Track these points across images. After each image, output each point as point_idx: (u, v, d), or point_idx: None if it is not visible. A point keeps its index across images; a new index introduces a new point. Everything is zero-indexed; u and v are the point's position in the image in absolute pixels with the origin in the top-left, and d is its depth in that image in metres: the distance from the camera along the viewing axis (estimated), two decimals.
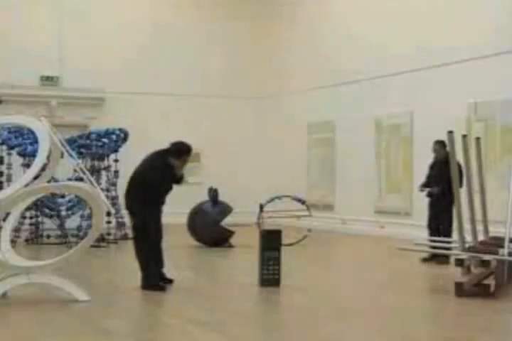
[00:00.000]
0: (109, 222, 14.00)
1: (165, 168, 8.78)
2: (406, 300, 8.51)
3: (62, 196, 14.47)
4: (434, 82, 14.82)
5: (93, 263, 11.55)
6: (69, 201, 14.60)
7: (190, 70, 19.67)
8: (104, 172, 14.81)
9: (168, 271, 9.11)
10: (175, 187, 9.04)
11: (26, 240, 14.28)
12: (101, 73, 18.69)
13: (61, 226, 14.25)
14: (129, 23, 19.30)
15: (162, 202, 8.89)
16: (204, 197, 14.07)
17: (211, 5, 19.95)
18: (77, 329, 6.80)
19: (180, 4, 19.91)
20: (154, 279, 8.73)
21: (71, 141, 13.73)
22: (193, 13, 19.91)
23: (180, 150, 8.92)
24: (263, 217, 13.98)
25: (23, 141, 13.97)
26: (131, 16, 19.39)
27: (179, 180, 8.96)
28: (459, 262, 8.64)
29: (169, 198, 9.06)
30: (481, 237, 9.94)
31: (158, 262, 8.91)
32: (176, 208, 10.49)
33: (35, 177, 8.24)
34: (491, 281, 8.66)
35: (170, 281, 9.00)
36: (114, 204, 14.32)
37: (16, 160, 14.21)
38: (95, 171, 14.33)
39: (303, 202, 14.44)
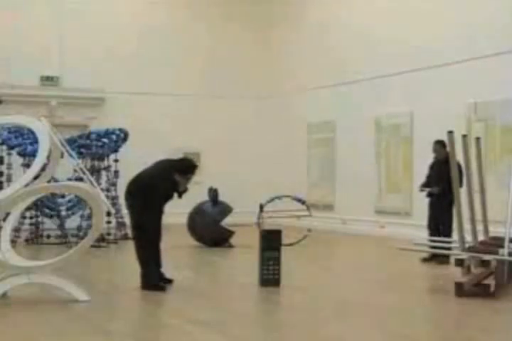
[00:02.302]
0: (109, 222, 14.00)
1: (168, 181, 8.76)
2: (406, 300, 8.51)
3: (62, 196, 14.47)
4: (434, 82, 14.83)
5: (93, 263, 11.55)
6: (69, 201, 14.60)
7: (190, 70, 19.68)
8: (104, 172, 14.81)
9: (167, 271, 9.10)
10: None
11: (26, 240, 14.28)
12: (101, 73, 18.71)
13: (61, 226, 14.25)
14: (129, 23, 19.32)
15: (161, 210, 8.88)
16: (204, 197, 14.07)
17: (211, 5, 19.95)
18: (77, 330, 6.80)
19: (181, 4, 19.90)
20: (154, 279, 8.72)
21: (71, 141, 13.73)
22: (192, 13, 19.91)
23: (186, 169, 8.91)
24: (263, 217, 13.97)
25: (23, 141, 13.97)
26: (131, 16, 19.41)
27: (181, 193, 8.93)
28: (459, 262, 8.64)
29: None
30: (481, 237, 9.94)
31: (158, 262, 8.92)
32: (176, 208, 10.47)
33: (35, 177, 8.24)
34: (491, 281, 8.66)
35: (169, 281, 9.00)
36: (114, 204, 14.32)
37: (16, 160, 14.21)
38: (95, 171, 14.33)
39: (303, 202, 14.44)
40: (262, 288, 8.96)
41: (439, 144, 11.71)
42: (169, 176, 8.77)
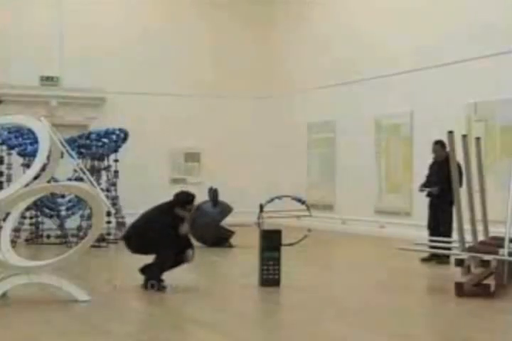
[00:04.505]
0: (109, 222, 13.99)
1: (171, 218, 8.84)
2: (406, 300, 8.51)
3: (62, 196, 14.47)
4: (434, 82, 14.83)
5: (93, 263, 11.55)
6: (69, 201, 14.60)
7: (190, 70, 19.67)
8: (104, 172, 14.81)
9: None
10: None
11: (26, 240, 14.28)
12: (101, 73, 18.69)
13: (61, 226, 14.25)
14: (129, 23, 19.30)
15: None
16: (204, 197, 14.06)
17: (212, 5, 19.93)
18: (77, 329, 6.80)
19: (181, 4, 19.89)
20: (158, 278, 8.73)
21: (71, 141, 13.73)
22: (192, 13, 19.90)
23: (184, 201, 8.99)
24: (263, 217, 13.94)
25: (23, 141, 13.97)
26: (131, 16, 19.40)
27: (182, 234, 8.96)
28: (459, 262, 8.64)
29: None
30: (481, 237, 9.94)
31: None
32: None
33: (35, 177, 8.24)
34: (491, 281, 8.66)
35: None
36: (114, 204, 14.32)
37: (16, 160, 14.22)
38: (95, 171, 14.33)
39: (303, 202, 14.39)
40: (262, 288, 8.96)
41: (439, 144, 11.69)
42: (168, 213, 8.83)
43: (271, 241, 9.11)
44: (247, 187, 19.25)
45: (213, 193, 14.04)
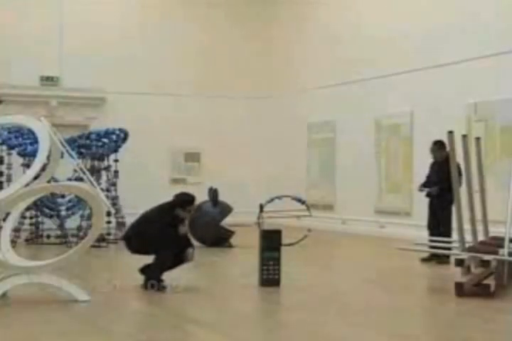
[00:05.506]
0: (109, 222, 13.99)
1: (171, 218, 8.85)
2: (406, 299, 8.51)
3: (62, 196, 14.48)
4: (434, 82, 14.83)
5: (93, 263, 11.55)
6: (69, 201, 14.61)
7: (190, 70, 19.68)
8: (104, 172, 14.81)
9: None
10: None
11: (26, 240, 14.28)
12: (101, 73, 18.70)
13: (61, 226, 14.25)
14: (129, 23, 19.32)
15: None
16: (204, 197, 14.06)
17: (212, 5, 19.94)
18: (77, 329, 6.80)
19: (181, 4, 19.90)
20: (157, 278, 8.73)
21: (71, 141, 13.73)
22: (193, 13, 19.91)
23: (185, 202, 8.99)
24: (263, 217, 13.96)
25: (23, 141, 13.97)
26: (131, 16, 19.42)
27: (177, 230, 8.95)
28: (459, 262, 8.64)
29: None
30: (481, 237, 9.94)
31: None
32: None
33: (35, 177, 8.24)
34: (491, 281, 8.66)
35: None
36: (114, 204, 14.32)
37: (16, 160, 14.22)
38: (95, 171, 14.33)
39: (303, 202, 14.42)
40: (262, 288, 8.96)
41: (437, 145, 11.65)
42: (169, 213, 8.84)
43: (271, 241, 9.10)
44: (247, 187, 19.26)
45: (213, 193, 14.04)
